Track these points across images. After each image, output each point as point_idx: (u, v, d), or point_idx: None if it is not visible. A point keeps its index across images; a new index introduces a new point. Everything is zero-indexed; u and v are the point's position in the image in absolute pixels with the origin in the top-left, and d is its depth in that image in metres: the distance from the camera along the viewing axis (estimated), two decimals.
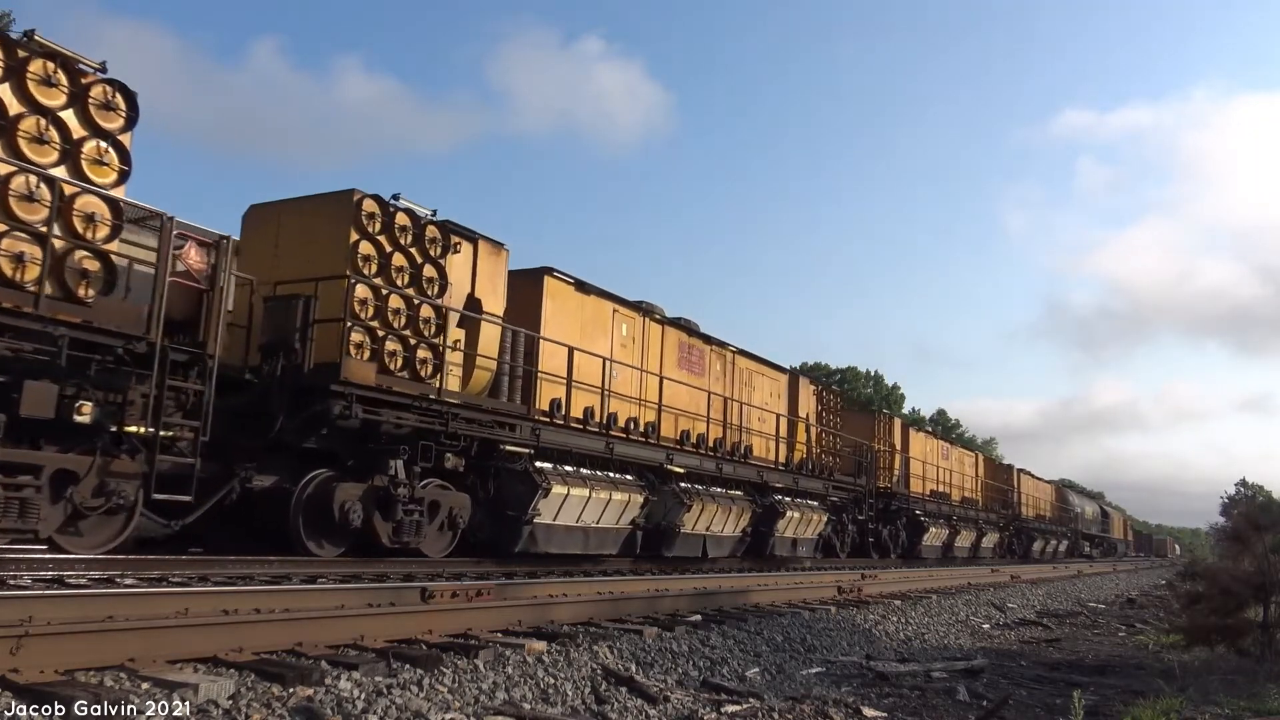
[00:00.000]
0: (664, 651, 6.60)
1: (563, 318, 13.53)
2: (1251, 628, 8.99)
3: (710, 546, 15.99)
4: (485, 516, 12.09)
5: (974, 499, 33.64)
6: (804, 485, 19.73)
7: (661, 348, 15.82)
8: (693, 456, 15.83)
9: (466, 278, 11.93)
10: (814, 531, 19.92)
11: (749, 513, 17.13)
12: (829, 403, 23.12)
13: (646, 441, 14.75)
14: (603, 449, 13.61)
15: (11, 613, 4.69)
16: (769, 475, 18.26)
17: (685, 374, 16.35)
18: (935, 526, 28.05)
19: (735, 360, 18.31)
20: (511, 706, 4.86)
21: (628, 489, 13.90)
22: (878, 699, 6.26)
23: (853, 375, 75.65)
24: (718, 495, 16.15)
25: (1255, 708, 6.20)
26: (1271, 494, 44.66)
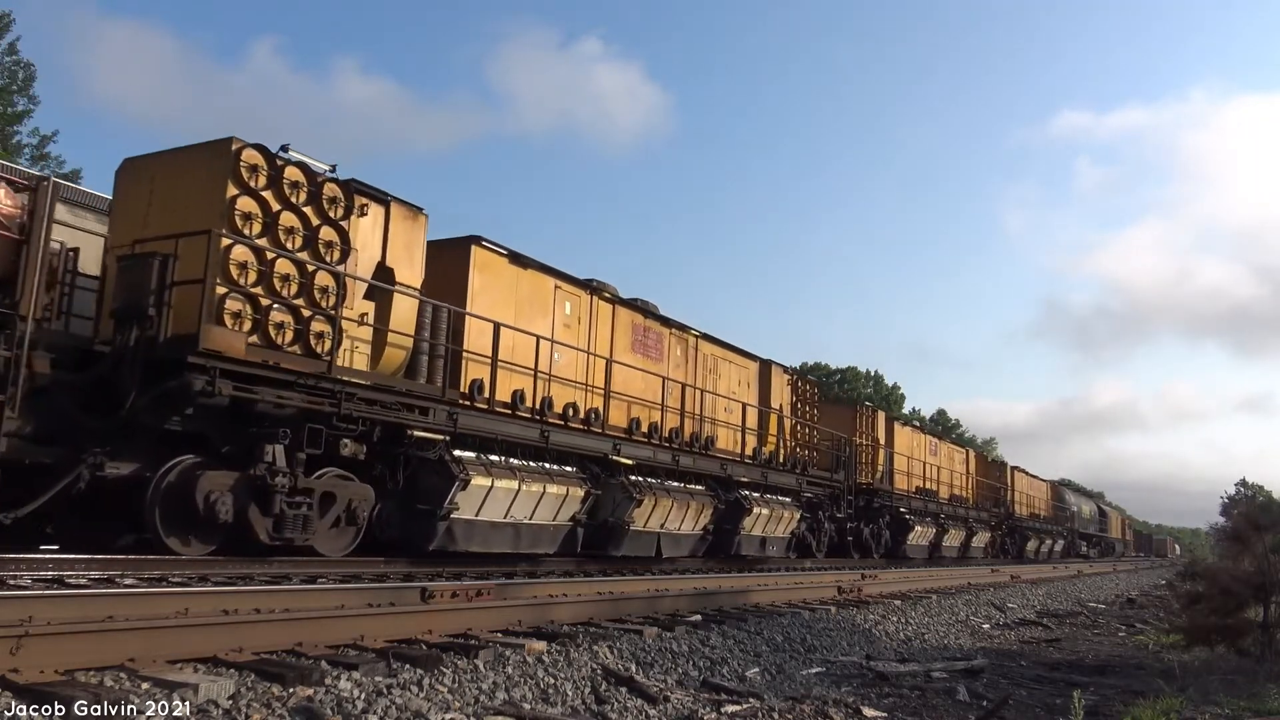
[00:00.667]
0: (664, 651, 6.60)
1: (494, 293, 12.28)
2: (1251, 628, 8.99)
3: (666, 545, 14.81)
4: (396, 511, 10.96)
5: (964, 497, 32.40)
6: (774, 480, 18.38)
7: (612, 329, 14.61)
8: (645, 447, 14.62)
9: (376, 244, 10.67)
10: (786, 530, 18.71)
11: (710, 509, 15.96)
12: (805, 393, 21.76)
13: (589, 430, 13.47)
14: (536, 437, 12.33)
15: (11, 613, 4.69)
16: (734, 469, 16.95)
17: (640, 358, 15.16)
18: (921, 525, 26.92)
19: (699, 345, 17.09)
20: (511, 706, 4.85)
21: (566, 482, 12.69)
22: (878, 699, 6.26)
23: (853, 375, 75.66)
24: (674, 490, 15.00)
25: (1255, 708, 6.19)
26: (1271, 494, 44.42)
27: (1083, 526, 51.34)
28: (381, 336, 10.56)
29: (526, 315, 12.82)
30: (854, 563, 21.43)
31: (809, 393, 22.06)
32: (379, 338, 10.57)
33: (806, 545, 20.81)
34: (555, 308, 13.44)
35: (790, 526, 18.88)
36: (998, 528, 35.47)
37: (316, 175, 9.94)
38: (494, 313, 12.05)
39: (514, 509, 11.84)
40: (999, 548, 35.66)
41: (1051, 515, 44.67)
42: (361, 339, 10.41)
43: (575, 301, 13.90)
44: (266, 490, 9.09)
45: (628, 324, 15.11)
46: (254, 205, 9.27)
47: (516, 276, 12.80)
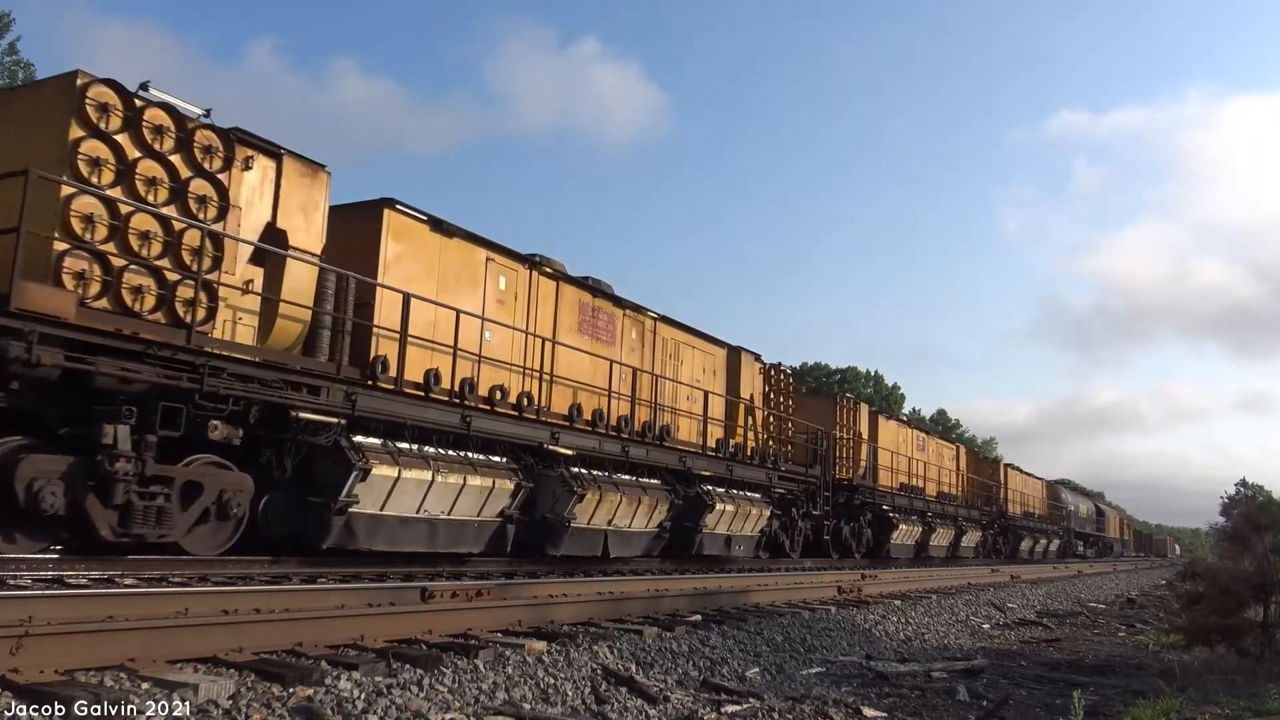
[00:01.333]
0: (664, 651, 6.60)
1: (412, 263, 11.08)
2: (1251, 628, 8.99)
3: (614, 544, 13.53)
4: (285, 504, 9.74)
5: (953, 494, 31.01)
6: (741, 474, 17.02)
7: (556, 308, 13.39)
8: (589, 436, 13.32)
9: (265, 202, 9.44)
10: (754, 527, 17.41)
11: (666, 504, 14.66)
12: (779, 384, 20.29)
13: (521, 416, 12.11)
14: (457, 423, 11.06)
15: (11, 613, 4.68)
16: (694, 461, 15.63)
17: (588, 340, 13.94)
18: (906, 523, 25.55)
19: (657, 329, 15.79)
20: (511, 706, 4.86)
21: (493, 473, 11.40)
22: (878, 699, 6.26)
23: (853, 375, 75.67)
24: (624, 483, 13.74)
25: (1255, 708, 6.19)
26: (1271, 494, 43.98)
27: (1080, 526, 50.54)
28: (271, 307, 9.37)
29: (452, 289, 11.55)
30: (833, 563, 20.51)
31: (783, 383, 20.55)
32: (268, 308, 9.37)
33: (779, 545, 19.52)
34: (487, 282, 12.15)
35: (759, 524, 17.64)
36: (989, 526, 34.35)
37: (187, 120, 8.77)
38: (412, 285, 10.80)
39: (429, 503, 10.60)
40: (991, 547, 34.65)
41: (1047, 514, 43.83)
42: (246, 309, 9.17)
43: (511, 276, 12.61)
44: (107, 478, 7.85)
45: (574, 302, 13.82)
46: (104, 150, 8.10)
47: (440, 246, 11.50)
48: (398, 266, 10.94)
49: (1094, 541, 55.19)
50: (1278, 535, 9.31)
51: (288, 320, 9.62)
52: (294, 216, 9.71)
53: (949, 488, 30.82)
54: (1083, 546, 50.84)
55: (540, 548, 12.51)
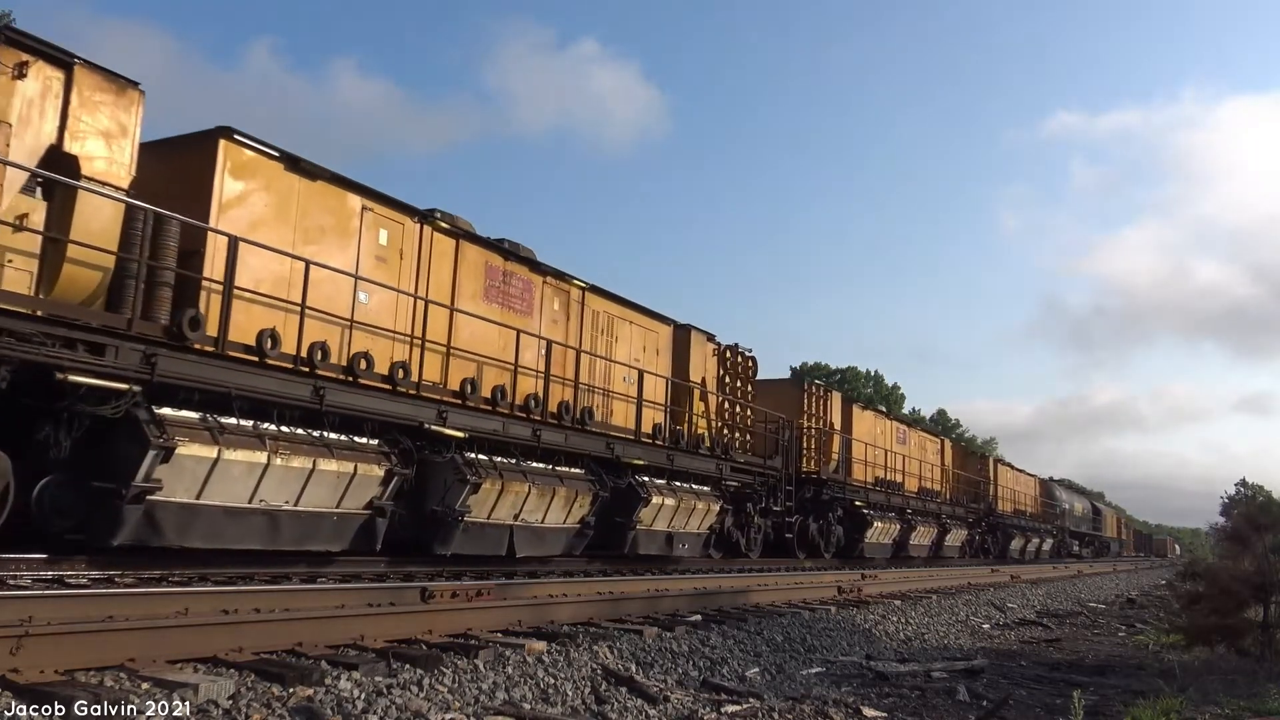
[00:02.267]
0: (664, 651, 6.60)
1: (258, 206, 9.36)
2: (1251, 628, 8.99)
3: (523, 541, 11.84)
4: (68, 490, 7.96)
5: (936, 490, 28.98)
6: (684, 464, 15.29)
7: (455, 269, 11.72)
8: (489, 418, 11.56)
9: (47, 121, 7.79)
10: (701, 524, 15.71)
11: (590, 497, 12.93)
12: (737, 368, 18.18)
13: (395, 390, 10.30)
14: (307, 396, 9.26)
15: (11, 613, 4.69)
16: (625, 449, 13.87)
17: (497, 309, 12.28)
18: (882, 521, 23.64)
19: (586, 300, 14.08)
20: (511, 706, 4.86)
21: (355, 456, 9.63)
22: (878, 699, 6.26)
23: (853, 375, 75.69)
24: (536, 472, 12.08)
25: (1255, 708, 6.20)
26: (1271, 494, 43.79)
27: (1075, 525, 49.05)
28: (58, 249, 7.78)
29: (315, 241, 9.88)
30: (798, 563, 18.93)
31: (742, 366, 18.38)
32: (54, 251, 7.78)
33: (734, 543, 17.60)
34: (363, 235, 10.44)
35: (707, 520, 15.90)
36: (976, 525, 32.64)
37: None
38: (259, 233, 9.22)
39: (266, 490, 8.81)
40: (978, 547, 32.99)
41: (1040, 512, 42.28)
42: (20, 250, 7.55)
43: (395, 230, 10.92)
44: None
45: (479, 265, 12.10)
46: None
47: (298, 189, 9.79)
48: (239, 209, 9.17)
49: (1090, 541, 53.64)
50: (1278, 535, 9.31)
51: (82, 267, 7.90)
52: (89, 141, 8.05)
53: (932, 483, 28.87)
54: (1078, 546, 49.34)
55: (428, 544, 10.77)
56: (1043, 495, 43.75)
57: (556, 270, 13.54)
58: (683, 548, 15.34)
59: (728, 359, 18.01)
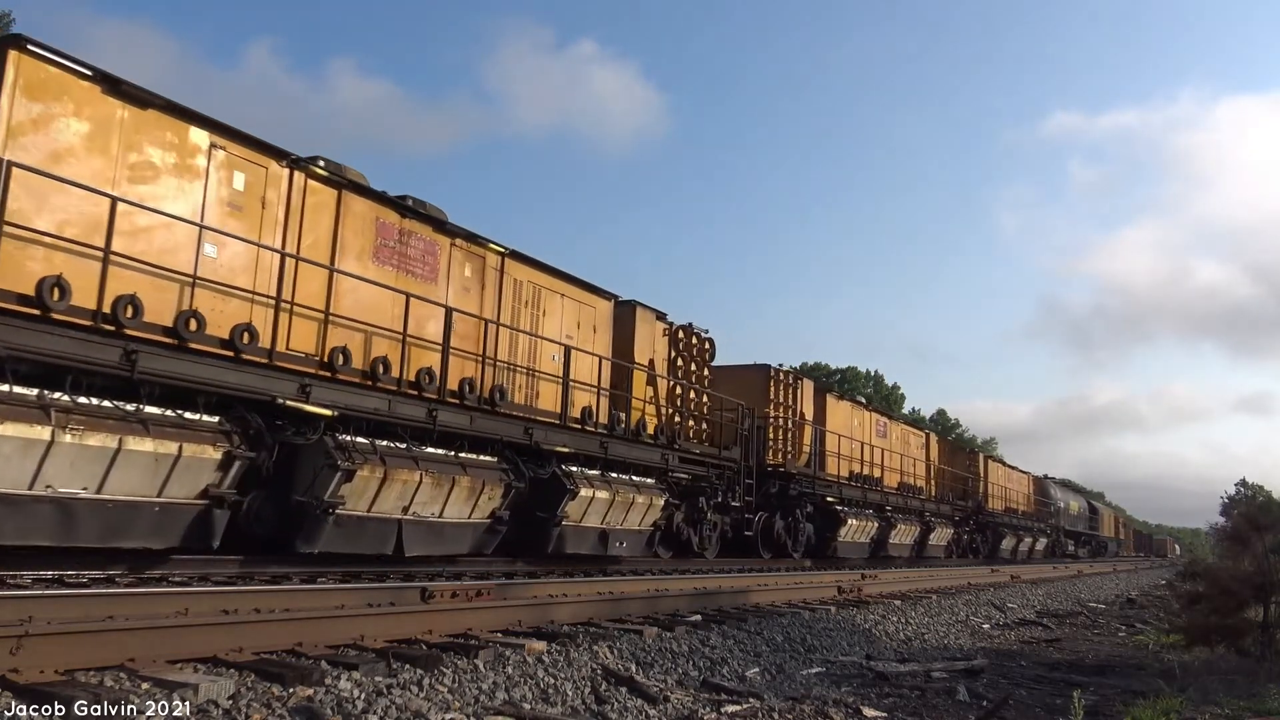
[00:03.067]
0: (664, 651, 6.61)
1: (64, 135, 7.79)
2: (1251, 628, 8.99)
3: (414, 538, 10.32)
4: None
5: (919, 486, 27.39)
6: (620, 453, 13.66)
7: (337, 224, 10.03)
8: (370, 394, 10.01)
9: None
10: (643, 520, 14.05)
11: (500, 488, 11.30)
12: (691, 349, 16.27)
13: (239, 358, 8.68)
14: (115, 360, 7.75)
15: (11, 613, 4.70)
16: (548, 434, 12.28)
17: (391, 272, 10.60)
18: (858, 518, 22.00)
19: (506, 267, 12.36)
20: (511, 706, 4.86)
21: (177, 435, 8.05)
22: (878, 699, 6.26)
23: (853, 375, 75.74)
24: (431, 459, 10.54)
25: (1255, 708, 6.20)
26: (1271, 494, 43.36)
27: (1071, 524, 47.74)
28: None
29: (146, 180, 8.39)
30: (764, 563, 17.78)
31: (697, 349, 16.52)
32: None
33: (685, 541, 16.02)
34: (212, 177, 8.85)
35: (650, 516, 14.27)
36: (964, 523, 31.15)
37: None
38: (65, 166, 7.72)
39: (50, 474, 7.27)
40: (966, 546, 31.53)
41: (1033, 511, 40.83)
42: None
43: (256, 174, 9.26)
44: None
45: (369, 221, 10.44)
46: None
47: (123, 118, 8.25)
48: (36, 136, 7.60)
49: (1087, 540, 52.31)
50: (1278, 535, 9.31)
51: None
52: None
53: (915, 479, 27.29)
54: (1074, 546, 47.99)
55: (290, 540, 9.31)
56: (1036, 493, 42.41)
57: (469, 232, 11.74)
58: (620, 546, 13.65)
59: (680, 340, 16.16)
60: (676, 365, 15.99)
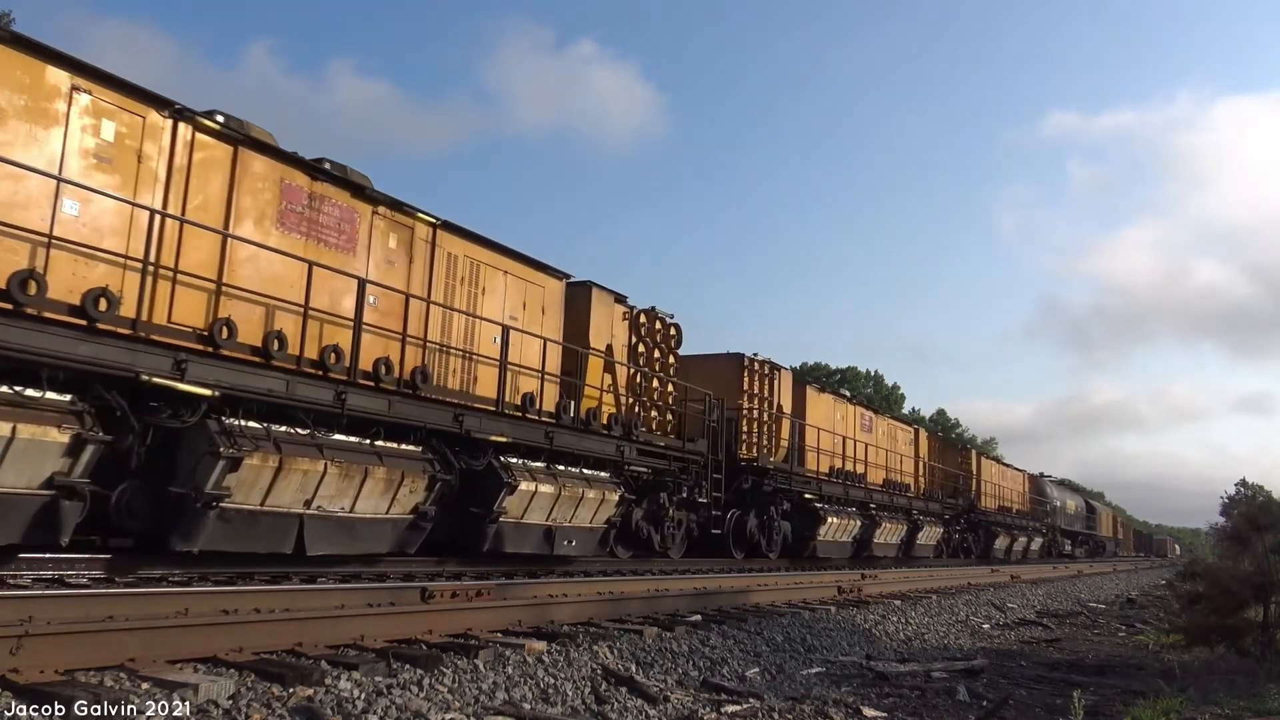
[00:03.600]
0: (664, 651, 6.61)
1: None
2: (1252, 628, 8.98)
3: (318, 535, 9.23)
4: None
5: (905, 483, 26.24)
6: (568, 444, 12.60)
7: (232, 184, 9.01)
8: (269, 376, 8.93)
9: None
10: (594, 516, 13.01)
11: (423, 480, 10.30)
12: (655, 336, 15.25)
13: (92, 327, 7.63)
14: None
15: (11, 613, 4.70)
16: (482, 422, 11.17)
17: (299, 241, 9.56)
18: (839, 517, 20.90)
19: (439, 240, 11.27)
20: (511, 706, 4.86)
21: (10, 415, 7.01)
22: (878, 699, 6.26)
23: (853, 375, 75.76)
24: (340, 448, 9.48)
25: (1255, 708, 6.20)
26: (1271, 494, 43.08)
27: (1068, 523, 47.00)
28: None
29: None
30: (736, 563, 17.02)
31: (662, 335, 15.50)
32: None
33: (645, 539, 15.03)
34: (71, 124, 7.83)
35: (604, 512, 13.21)
36: (955, 522, 30.10)
37: None
38: None
39: None
40: (957, 545, 30.56)
41: (1029, 510, 40.04)
42: None
43: (128, 123, 8.24)
44: None
45: (270, 182, 9.36)
46: None
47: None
48: None
49: (1084, 540, 51.37)
50: (1278, 535, 9.31)
51: None
52: None
53: (902, 476, 26.28)
54: (1071, 545, 47.16)
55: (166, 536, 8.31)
56: (1032, 492, 41.62)
57: (394, 199, 10.68)
58: (568, 545, 12.64)
59: (642, 325, 15.06)
60: (638, 351, 14.90)
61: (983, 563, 28.62)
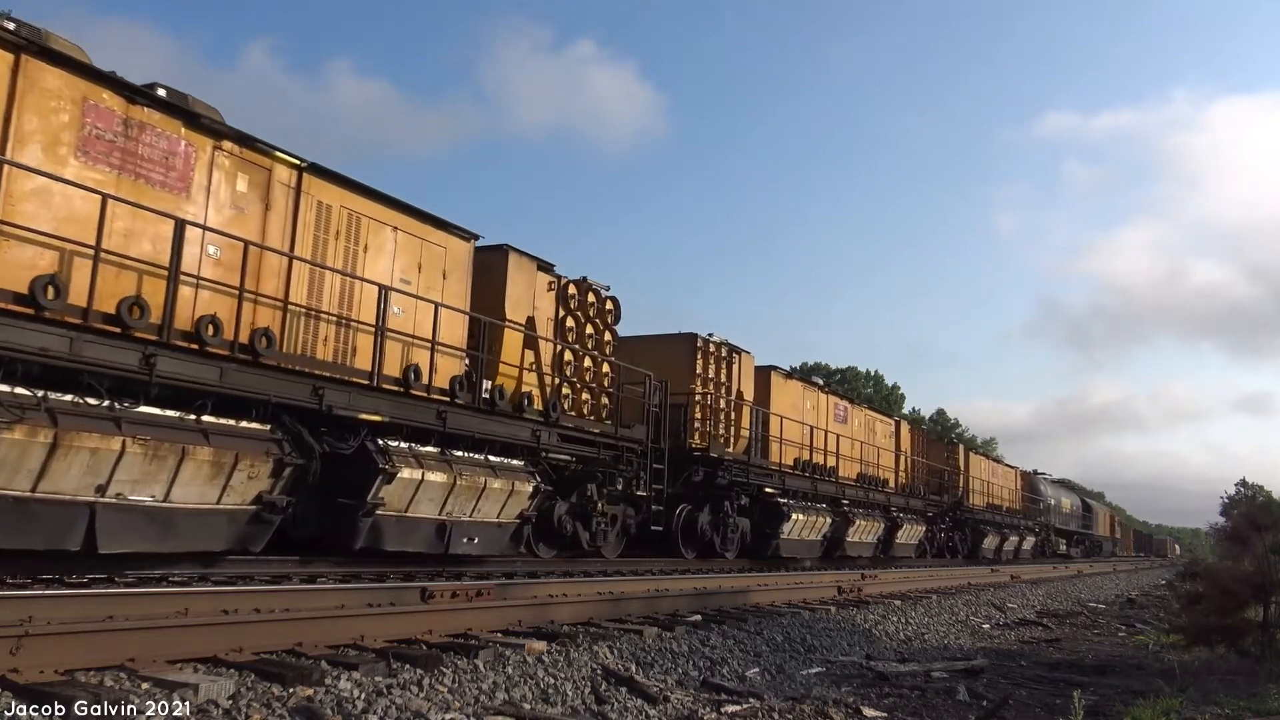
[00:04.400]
0: (664, 651, 6.61)
1: None
2: (1252, 628, 8.98)
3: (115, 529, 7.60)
4: None
5: (883, 479, 24.37)
6: (466, 425, 11.01)
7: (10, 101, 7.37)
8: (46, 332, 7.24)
9: None
10: (502, 510, 11.44)
11: (268, 465, 8.71)
12: (588, 309, 13.71)
13: None
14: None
15: (11, 613, 4.69)
16: (351, 399, 9.67)
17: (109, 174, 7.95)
18: (805, 514, 19.11)
19: (307, 186, 9.69)
20: (511, 706, 4.86)
21: None
22: (878, 699, 6.26)
23: (853, 375, 75.75)
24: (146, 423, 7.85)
25: (1255, 708, 6.20)
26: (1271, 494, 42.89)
27: (1063, 522, 45.59)
28: None
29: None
30: (688, 563, 15.66)
31: (596, 309, 13.96)
32: None
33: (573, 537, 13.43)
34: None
35: (515, 505, 11.64)
36: (940, 519, 28.63)
37: None
38: None
39: None
40: (942, 544, 29.02)
41: (1021, 508, 38.38)
42: None
43: None
44: None
45: (71, 102, 7.76)
46: None
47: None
48: None
49: (1080, 540, 49.81)
50: (1278, 535, 9.31)
51: None
52: None
53: (879, 470, 24.46)
54: (1066, 545, 45.77)
55: None
56: (1025, 489, 39.78)
57: (244, 134, 9.12)
58: (469, 542, 11.12)
59: (572, 297, 13.47)
60: (566, 326, 13.31)
61: (971, 563, 27.73)
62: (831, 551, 20.95)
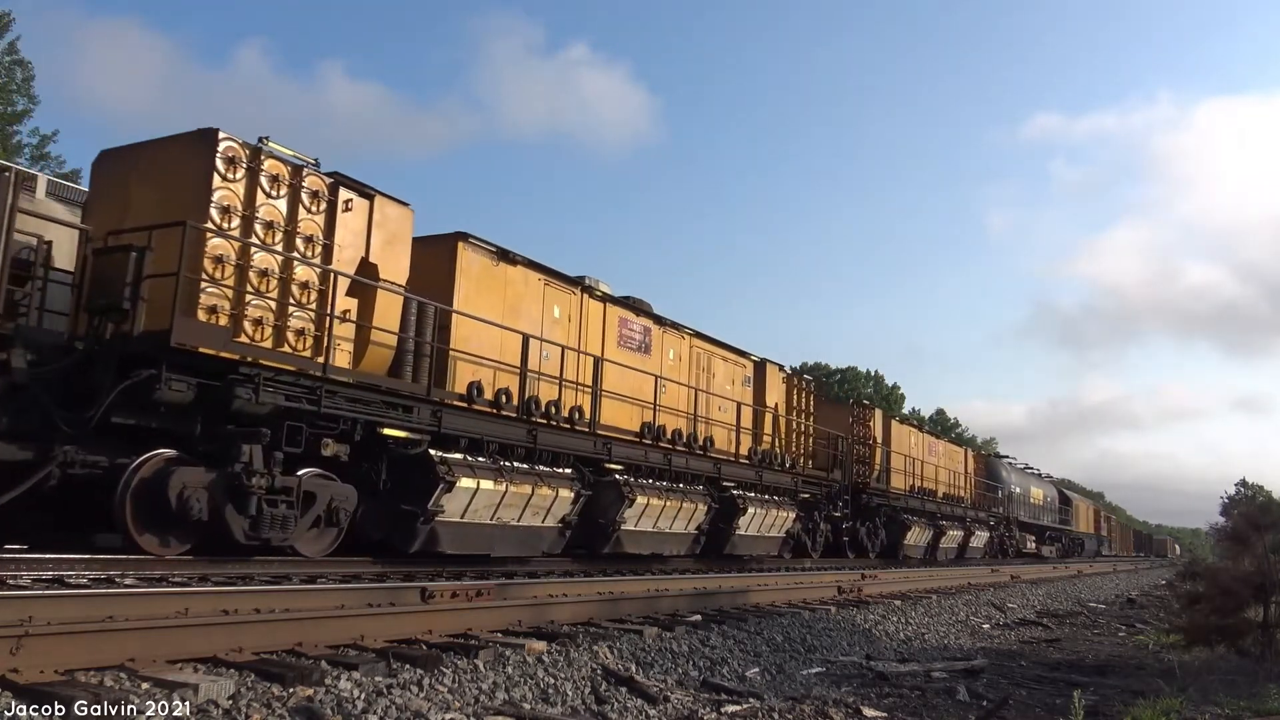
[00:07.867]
0: (664, 651, 6.60)
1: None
2: (1252, 628, 8.98)
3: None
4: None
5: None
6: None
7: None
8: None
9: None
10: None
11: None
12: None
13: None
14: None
15: (11, 613, 4.69)
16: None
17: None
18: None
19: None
20: (511, 706, 4.85)
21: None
22: (878, 699, 6.26)
23: (853, 375, 75.74)
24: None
25: (1255, 708, 6.20)
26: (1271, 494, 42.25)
27: (1031, 515, 39.81)
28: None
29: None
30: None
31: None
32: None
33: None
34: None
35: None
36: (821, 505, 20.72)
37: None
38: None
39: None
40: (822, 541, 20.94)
41: (971, 497, 32.00)
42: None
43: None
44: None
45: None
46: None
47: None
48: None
49: (1055, 537, 44.01)
50: (1278, 535, 9.30)
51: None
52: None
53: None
54: (1035, 542, 39.92)
55: None
56: (980, 474, 34.19)
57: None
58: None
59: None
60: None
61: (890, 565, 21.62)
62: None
